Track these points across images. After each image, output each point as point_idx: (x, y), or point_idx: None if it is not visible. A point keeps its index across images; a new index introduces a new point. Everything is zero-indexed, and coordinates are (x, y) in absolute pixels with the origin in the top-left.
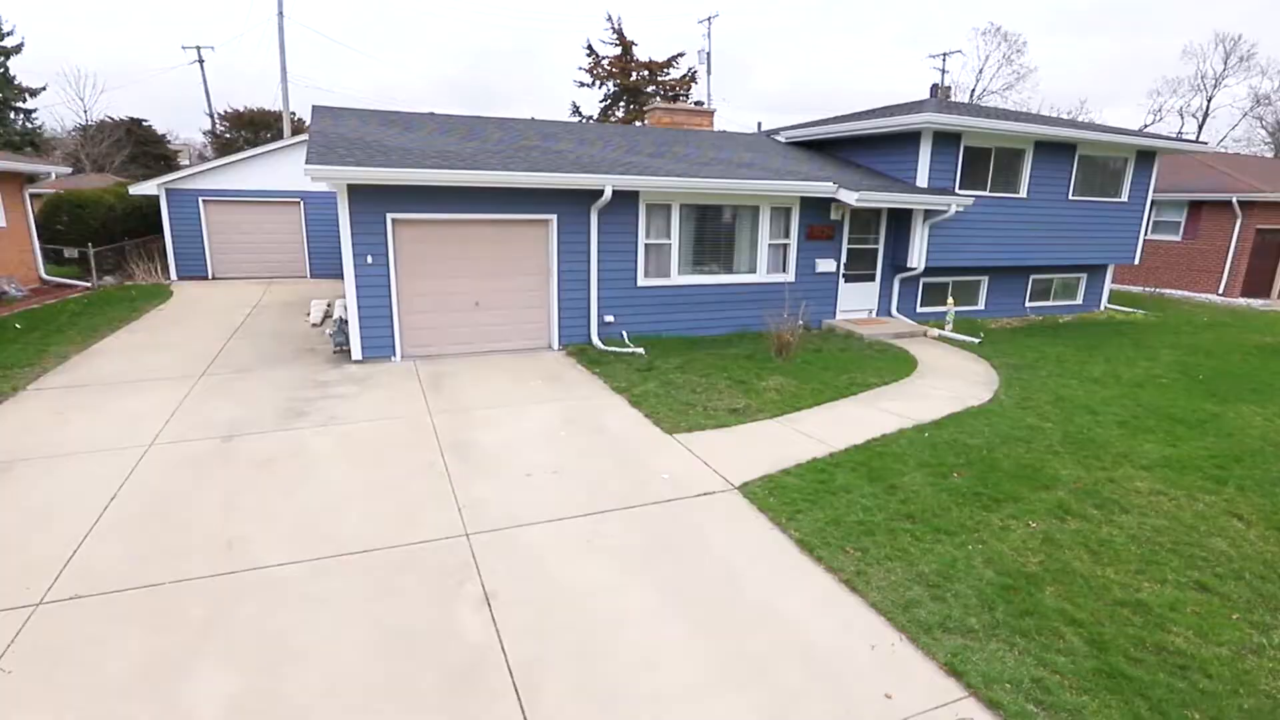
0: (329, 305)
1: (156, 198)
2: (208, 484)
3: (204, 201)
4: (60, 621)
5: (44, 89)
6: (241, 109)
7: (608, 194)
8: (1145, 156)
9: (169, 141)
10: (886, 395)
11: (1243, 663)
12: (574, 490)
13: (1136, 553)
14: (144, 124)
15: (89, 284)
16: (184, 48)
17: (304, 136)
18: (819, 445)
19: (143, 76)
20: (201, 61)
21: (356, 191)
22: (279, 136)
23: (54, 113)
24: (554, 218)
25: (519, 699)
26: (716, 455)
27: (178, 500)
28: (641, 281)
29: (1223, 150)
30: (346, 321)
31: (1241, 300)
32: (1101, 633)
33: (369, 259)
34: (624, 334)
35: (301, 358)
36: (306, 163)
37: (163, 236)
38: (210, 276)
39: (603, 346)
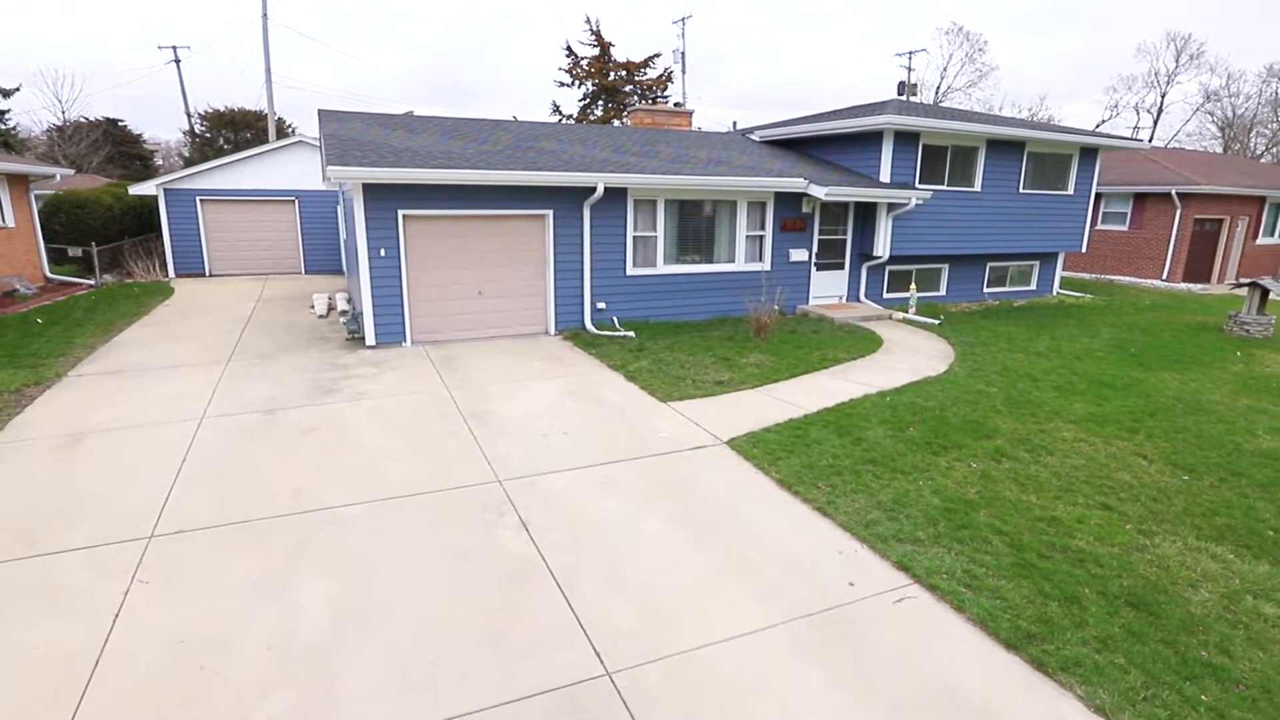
0: (331, 299)
1: (152, 197)
2: (262, 447)
3: (201, 201)
4: (173, 549)
5: (18, 89)
6: (222, 109)
7: (600, 191)
8: (1088, 153)
9: (145, 141)
10: (854, 368)
11: (1128, 557)
12: (584, 446)
13: (1056, 484)
14: (120, 124)
15: (92, 282)
16: (160, 47)
17: (297, 137)
18: (795, 409)
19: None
20: (178, 61)
21: (371, 190)
22: (261, 136)
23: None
24: (550, 213)
25: (561, 590)
26: (706, 418)
27: (240, 460)
28: (630, 271)
29: (1178, 146)
30: (360, 311)
31: (1183, 285)
32: (1021, 540)
33: (382, 252)
34: (615, 319)
35: (316, 345)
36: (327, 164)
37: (160, 235)
38: (208, 274)
39: (596, 331)
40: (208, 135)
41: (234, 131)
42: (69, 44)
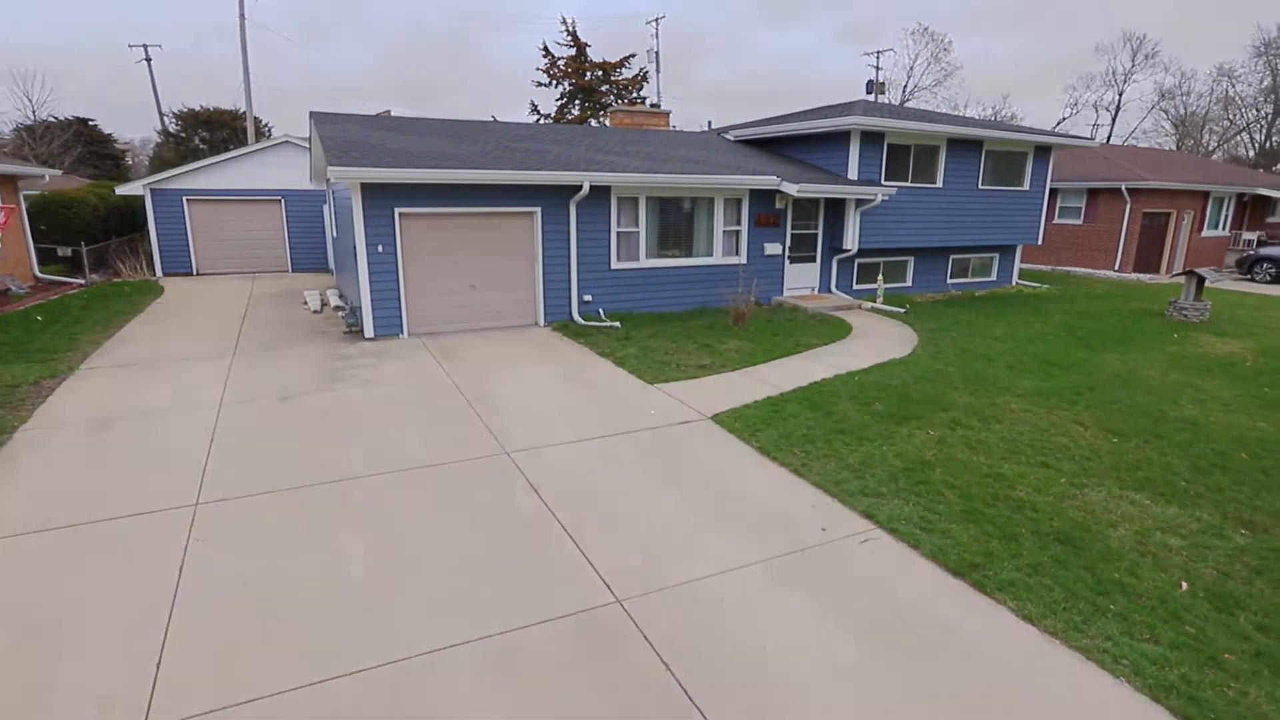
0: (323, 295)
1: (138, 197)
2: (283, 428)
3: (188, 200)
4: (220, 513)
5: None
6: (197, 108)
7: (585, 189)
8: (1042, 151)
9: (115, 141)
10: (826, 352)
11: (1060, 504)
12: (581, 423)
13: (1002, 447)
14: (91, 124)
15: (82, 281)
16: (130, 46)
17: (283, 138)
18: (771, 388)
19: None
20: (149, 60)
21: (369, 189)
22: (238, 135)
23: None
24: (538, 210)
25: (572, 538)
26: (691, 397)
27: (264, 439)
28: (615, 265)
29: (1135, 143)
30: (359, 305)
31: (1134, 275)
32: (970, 492)
33: (380, 248)
34: (600, 311)
35: (316, 338)
36: (328, 164)
37: (146, 234)
38: (195, 272)
39: (583, 322)
40: (183, 135)
41: (210, 131)
42: (37, 43)
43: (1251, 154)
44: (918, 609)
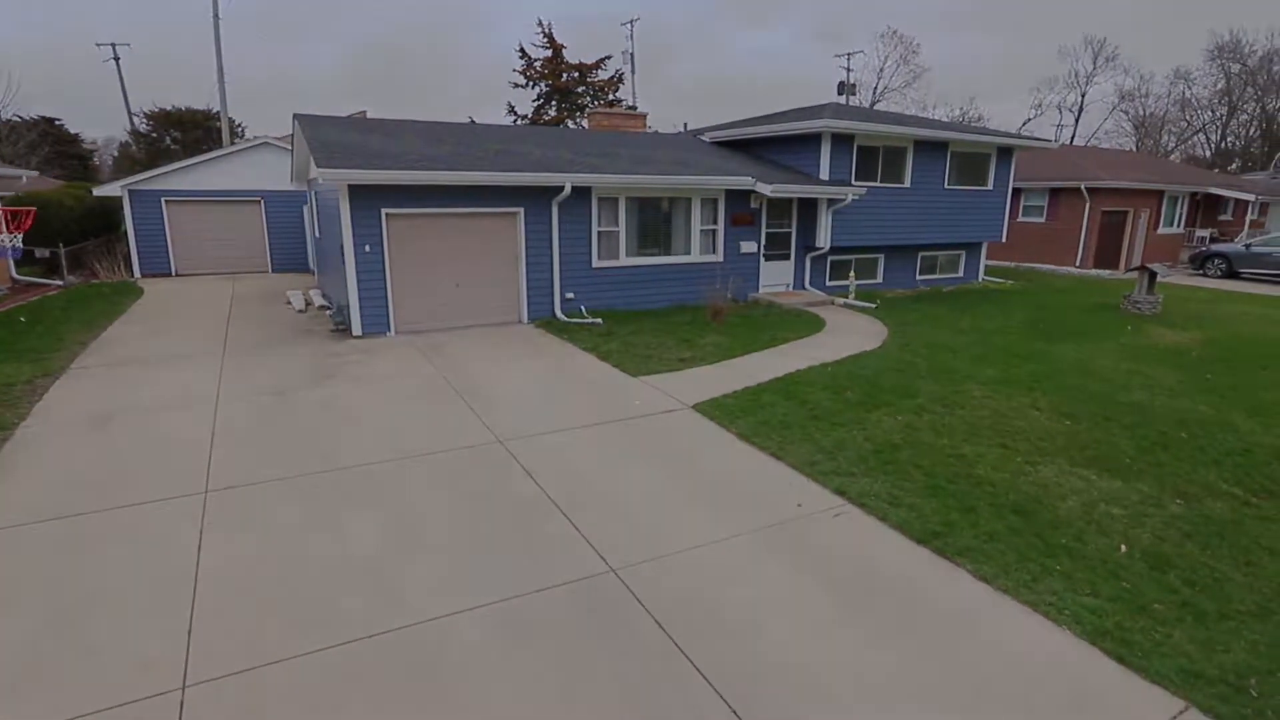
0: (306, 295)
1: (114, 198)
2: (281, 422)
3: (166, 201)
4: (230, 500)
5: None
6: (169, 108)
7: (567, 190)
8: (1005, 152)
9: (83, 141)
10: (800, 346)
11: (1016, 480)
12: (569, 413)
13: (965, 430)
14: (57, 123)
15: (60, 282)
16: (99, 45)
17: (262, 139)
18: (749, 379)
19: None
20: (117, 59)
21: (356, 190)
22: (212, 135)
23: None
24: (521, 210)
25: (567, 517)
26: (672, 388)
27: (264, 432)
28: (596, 263)
29: (1097, 143)
30: (346, 304)
31: (1094, 271)
32: (934, 470)
33: (367, 248)
34: (582, 308)
35: (303, 337)
36: (317, 166)
37: (123, 235)
38: (173, 273)
39: (566, 319)
40: (154, 135)
41: (183, 131)
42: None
43: (1208, 154)
44: (884, 572)
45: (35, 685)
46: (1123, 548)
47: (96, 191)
